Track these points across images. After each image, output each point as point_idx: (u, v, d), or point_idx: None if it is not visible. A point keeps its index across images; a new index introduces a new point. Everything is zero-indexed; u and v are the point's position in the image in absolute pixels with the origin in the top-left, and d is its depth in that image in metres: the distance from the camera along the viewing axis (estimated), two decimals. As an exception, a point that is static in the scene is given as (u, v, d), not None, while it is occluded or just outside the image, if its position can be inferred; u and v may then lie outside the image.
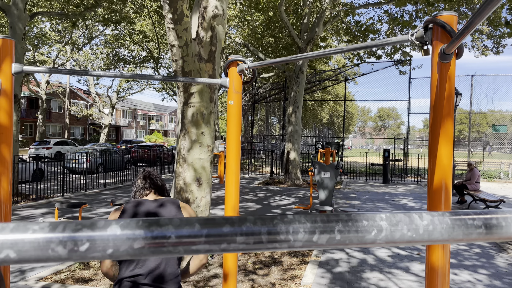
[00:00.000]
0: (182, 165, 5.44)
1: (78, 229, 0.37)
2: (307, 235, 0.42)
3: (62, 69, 2.49)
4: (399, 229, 0.44)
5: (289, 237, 0.42)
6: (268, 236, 0.41)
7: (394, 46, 16.87)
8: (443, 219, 0.46)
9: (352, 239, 0.43)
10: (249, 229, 0.41)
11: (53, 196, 11.30)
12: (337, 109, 47.93)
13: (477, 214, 0.47)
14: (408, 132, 20.11)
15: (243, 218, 0.42)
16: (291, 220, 0.42)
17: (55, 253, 0.36)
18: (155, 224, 0.39)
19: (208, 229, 0.40)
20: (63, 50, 30.08)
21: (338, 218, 0.44)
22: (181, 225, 0.39)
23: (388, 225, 0.44)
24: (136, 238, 0.38)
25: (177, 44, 4.97)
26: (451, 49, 1.57)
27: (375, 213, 0.44)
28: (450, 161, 1.72)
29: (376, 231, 0.43)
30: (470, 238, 0.46)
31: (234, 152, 2.73)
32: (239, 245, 0.40)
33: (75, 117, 44.04)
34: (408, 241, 0.44)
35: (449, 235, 0.45)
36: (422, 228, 0.44)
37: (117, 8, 14.42)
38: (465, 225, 0.46)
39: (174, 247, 0.39)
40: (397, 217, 0.45)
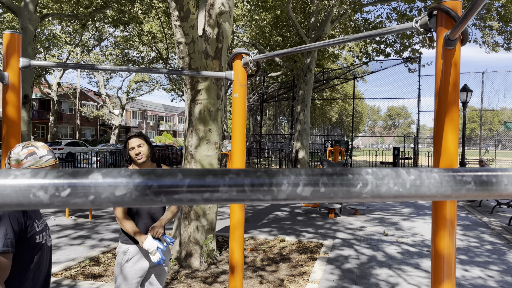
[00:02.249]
0: (190, 162, 5.46)
1: (60, 176, 0.37)
2: (290, 187, 0.42)
3: (69, 64, 2.52)
4: (385, 183, 0.44)
5: (273, 188, 0.42)
6: (251, 187, 0.41)
7: (403, 43, 16.72)
8: (431, 174, 0.45)
9: (337, 192, 0.43)
10: (232, 180, 0.41)
11: (64, 195, 11.43)
12: (346, 108, 47.68)
13: (466, 171, 0.46)
14: (418, 131, 19.93)
15: (226, 170, 0.41)
16: (274, 173, 0.42)
17: (37, 198, 0.36)
18: (137, 173, 0.39)
19: (191, 179, 0.40)
20: (74, 52, 30.40)
21: (323, 171, 0.43)
22: (163, 174, 0.39)
23: (374, 179, 0.44)
24: (118, 186, 0.38)
25: (183, 41, 4.99)
26: (455, 34, 1.55)
27: (361, 168, 0.44)
28: (456, 148, 1.70)
29: (362, 185, 0.43)
30: (459, 195, 0.46)
31: (239, 143, 2.73)
32: (222, 194, 0.40)
33: (86, 118, 44.49)
34: (395, 195, 0.44)
35: (437, 190, 0.45)
36: (409, 183, 0.44)
37: (125, 9, 14.53)
38: (454, 181, 0.45)
39: (156, 196, 0.39)
40: (383, 172, 0.44)
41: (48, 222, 7.89)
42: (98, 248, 6.14)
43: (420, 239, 6.89)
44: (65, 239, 6.61)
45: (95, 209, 9.44)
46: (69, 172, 0.38)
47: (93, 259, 5.50)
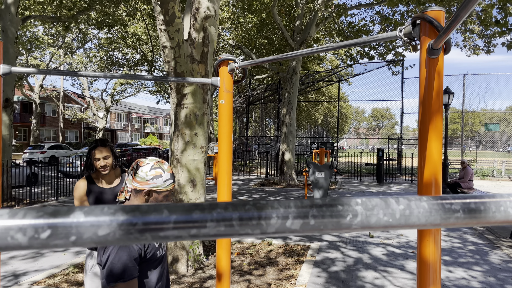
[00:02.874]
0: (176, 167, 5.42)
1: (39, 216, 0.36)
2: (280, 220, 0.41)
3: (52, 70, 2.47)
4: (374, 213, 0.43)
5: (261, 222, 0.41)
6: (240, 221, 0.40)
7: (387, 46, 16.94)
8: (420, 203, 0.45)
9: (327, 224, 0.42)
10: (219, 215, 0.40)
11: (47, 200, 11.22)
12: (331, 110, 48.04)
13: (455, 199, 0.46)
14: (402, 132, 20.19)
15: (214, 204, 0.41)
16: (263, 206, 0.42)
17: (15, 241, 0.34)
18: (120, 211, 0.38)
19: (177, 215, 0.39)
20: (57, 54, 29.95)
21: (312, 203, 0.43)
22: (148, 211, 0.38)
23: (363, 209, 0.43)
24: (100, 225, 0.37)
25: (169, 45, 4.96)
26: (438, 44, 1.57)
27: (350, 198, 0.44)
28: (440, 157, 1.72)
29: (352, 216, 0.43)
30: (448, 223, 0.46)
31: (225, 152, 2.71)
32: (209, 230, 0.39)
33: (70, 121, 43.82)
34: (384, 226, 0.44)
35: (426, 219, 0.45)
36: (398, 213, 0.44)
37: (110, 11, 14.38)
38: (443, 209, 0.45)
39: (141, 234, 0.37)
40: (372, 202, 0.44)
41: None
42: (83, 254, 6.04)
43: (404, 241, 6.97)
44: (48, 246, 6.48)
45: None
46: (49, 211, 0.36)
47: (77, 266, 5.40)
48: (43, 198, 11.56)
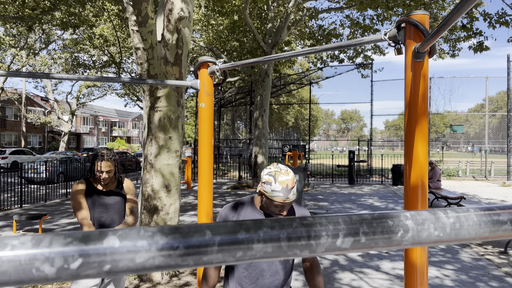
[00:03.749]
0: (150, 172, 5.29)
1: (68, 243, 0.31)
2: (330, 239, 0.38)
3: (22, 72, 2.35)
4: (425, 228, 0.41)
5: (311, 242, 0.37)
6: (288, 242, 0.36)
7: (356, 50, 17.29)
8: (468, 215, 0.43)
9: (378, 241, 0.39)
10: (266, 234, 0.36)
11: (10, 208, 10.72)
12: (302, 113, 48.55)
13: (501, 209, 0.44)
14: (372, 134, 20.63)
15: (259, 222, 0.37)
16: (311, 223, 0.38)
17: (41, 273, 0.29)
18: (159, 233, 0.33)
19: (221, 237, 0.35)
20: (19, 55, 28.80)
21: (361, 218, 0.40)
22: (189, 233, 0.34)
23: (414, 224, 0.40)
24: (138, 250, 0.32)
25: (142, 47, 4.84)
26: (425, 47, 1.59)
27: (398, 211, 0.41)
28: (426, 159, 1.73)
29: (403, 232, 0.40)
30: (497, 235, 0.43)
31: (206, 156, 2.66)
32: (256, 252, 0.35)
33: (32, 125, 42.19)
34: (435, 241, 0.41)
35: (476, 232, 0.42)
36: (449, 227, 0.41)
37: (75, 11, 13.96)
38: (491, 222, 0.43)
39: (183, 259, 0.33)
40: (422, 216, 0.41)
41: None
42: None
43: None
44: (14, 256, 6.18)
45: (46, 222, 8.93)
46: (79, 236, 0.31)
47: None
48: (5, 206, 11.04)
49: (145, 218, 5.28)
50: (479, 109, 69.36)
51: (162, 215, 5.27)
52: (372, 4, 10.55)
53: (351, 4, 13.47)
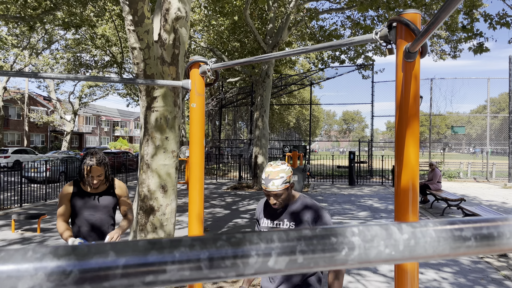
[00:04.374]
0: (146, 172, 5.25)
1: None
2: (260, 259, 0.33)
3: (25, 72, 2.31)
4: (374, 245, 0.36)
5: (237, 262, 0.32)
6: (210, 263, 0.32)
7: (357, 51, 17.23)
8: (426, 231, 0.38)
9: (318, 261, 0.34)
10: (183, 255, 0.31)
11: (10, 207, 10.71)
12: (303, 113, 48.47)
13: (464, 223, 0.39)
14: (372, 135, 20.55)
15: (176, 241, 0.32)
16: (239, 241, 0.33)
17: None
18: (51, 254, 0.29)
19: (127, 258, 0.30)
20: (21, 55, 28.85)
21: (300, 235, 0.35)
22: (88, 254, 0.29)
23: (361, 241, 0.36)
24: (22, 276, 0.27)
25: (138, 47, 4.80)
26: (415, 47, 1.54)
27: (345, 226, 0.36)
28: (418, 162, 1.68)
29: (347, 250, 0.35)
30: (459, 253, 0.39)
31: (197, 157, 2.61)
32: (170, 276, 0.31)
33: (35, 125, 42.27)
34: (386, 259, 0.36)
35: (434, 250, 0.38)
36: (402, 244, 0.36)
37: (77, 11, 13.95)
38: (452, 238, 0.38)
39: (77, 285, 0.28)
40: (371, 231, 0.37)
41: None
42: (47, 265, 5.75)
43: (377, 243, 7.03)
44: (10, 256, 6.15)
45: (44, 221, 8.90)
46: None
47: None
48: (6, 205, 11.03)
49: (141, 218, 5.24)
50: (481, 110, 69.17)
51: (158, 215, 5.23)
52: (373, 4, 10.50)
53: (352, 4, 13.42)
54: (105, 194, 2.99)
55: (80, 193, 2.92)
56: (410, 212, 1.65)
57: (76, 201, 2.90)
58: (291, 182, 2.32)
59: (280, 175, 2.28)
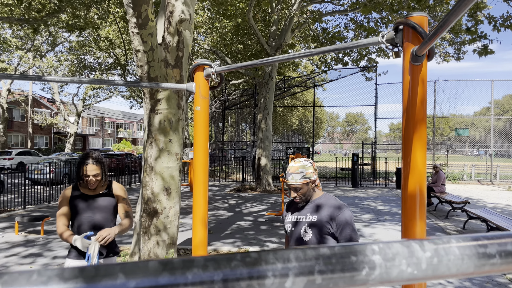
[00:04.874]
0: (150, 174, 5.24)
1: None
2: (277, 280, 0.31)
3: (28, 75, 2.30)
4: (396, 264, 0.34)
5: (253, 283, 0.31)
6: (224, 284, 0.30)
7: (360, 53, 17.19)
8: (449, 248, 0.36)
9: (337, 282, 0.33)
10: (196, 277, 0.29)
11: (14, 209, 10.73)
12: (306, 115, 48.43)
13: (488, 239, 0.38)
14: (376, 137, 20.49)
15: (189, 261, 0.30)
16: (255, 261, 0.32)
17: None
18: (57, 278, 0.27)
19: (138, 281, 0.28)
20: (25, 57, 28.99)
21: (318, 253, 0.33)
22: (96, 277, 0.27)
23: (382, 260, 0.34)
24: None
25: (142, 49, 4.80)
26: (423, 50, 1.52)
27: (365, 244, 0.34)
28: (425, 166, 1.66)
29: (368, 269, 0.33)
30: (483, 271, 0.37)
31: (201, 160, 2.59)
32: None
33: (39, 126, 42.43)
34: (408, 279, 0.35)
35: (457, 268, 0.36)
36: (424, 262, 0.35)
37: (81, 13, 14.00)
38: (476, 255, 0.36)
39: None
40: (392, 249, 0.35)
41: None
42: (51, 267, 5.75)
43: (381, 246, 6.98)
44: (15, 258, 6.16)
45: (48, 223, 8.91)
46: None
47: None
48: (9, 207, 11.05)
49: (144, 221, 5.23)
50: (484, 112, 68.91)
51: (162, 218, 5.22)
52: (377, 6, 10.48)
53: (356, 7, 13.40)
54: (103, 196, 2.99)
55: (79, 196, 2.93)
56: (418, 216, 1.63)
57: (75, 203, 2.91)
58: (311, 178, 2.40)
59: (299, 170, 2.39)
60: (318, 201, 2.46)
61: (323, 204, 2.43)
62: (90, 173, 2.84)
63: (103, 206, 2.95)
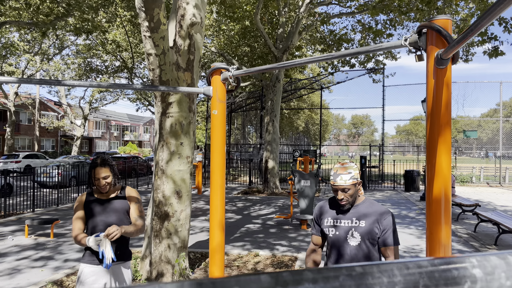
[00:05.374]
0: (161, 178, 5.25)
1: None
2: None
3: (33, 79, 2.32)
4: (496, 278, 0.34)
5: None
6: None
7: (367, 55, 17.15)
8: (545, 261, 0.35)
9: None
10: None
11: (23, 212, 10.80)
12: (312, 117, 48.36)
13: None
14: (383, 139, 20.41)
15: (298, 274, 0.30)
16: (361, 274, 0.31)
17: None
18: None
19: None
20: (33, 61, 29.22)
21: (419, 265, 0.33)
22: None
23: (482, 273, 0.33)
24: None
25: (154, 53, 4.82)
26: (449, 53, 1.51)
27: (463, 256, 0.34)
28: (450, 170, 1.65)
29: (470, 283, 0.33)
30: None
31: (218, 164, 2.60)
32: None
33: (46, 129, 42.72)
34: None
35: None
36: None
37: (88, 17, 14.10)
38: None
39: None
40: (491, 262, 0.34)
41: (5, 243, 7.39)
42: (62, 270, 5.78)
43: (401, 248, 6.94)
44: (26, 261, 6.19)
45: (57, 226, 8.95)
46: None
47: (56, 282, 5.15)
48: (18, 210, 11.13)
49: (155, 224, 5.24)
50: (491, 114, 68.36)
51: (173, 221, 5.23)
52: (385, 8, 10.45)
53: (363, 9, 13.38)
54: (116, 199, 3.02)
55: (94, 200, 2.96)
56: (443, 221, 1.62)
57: (90, 207, 2.94)
58: (358, 180, 2.40)
59: (348, 171, 2.37)
60: (363, 205, 2.45)
61: (369, 209, 2.43)
62: (99, 176, 2.86)
63: (117, 208, 2.96)
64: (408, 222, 9.56)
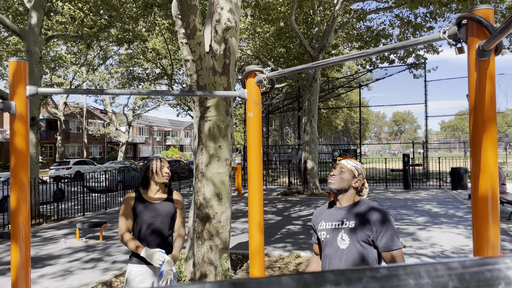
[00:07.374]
0: (201, 180, 5.35)
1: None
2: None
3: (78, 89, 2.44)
4: (533, 279, 0.32)
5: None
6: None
7: (407, 50, 16.63)
8: None
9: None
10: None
11: (74, 216, 11.34)
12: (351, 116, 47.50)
13: None
14: (427, 136, 19.70)
15: (321, 277, 0.30)
16: (386, 276, 0.31)
17: None
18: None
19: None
20: (79, 72, 30.68)
21: (449, 267, 0.32)
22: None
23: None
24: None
25: (191, 59, 4.93)
26: (491, 45, 1.44)
27: (497, 258, 0.32)
28: (497, 166, 1.57)
29: (504, 285, 0.31)
30: None
31: (255, 166, 2.61)
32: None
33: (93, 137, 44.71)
34: (547, 296, 0.32)
35: None
36: None
37: (129, 27, 14.62)
38: None
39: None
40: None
41: (58, 245, 7.79)
42: (111, 271, 6.01)
43: (439, 250, 6.68)
44: (77, 263, 6.50)
45: (106, 229, 9.33)
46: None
47: (105, 283, 5.37)
48: (70, 214, 11.70)
49: (197, 226, 5.34)
50: (547, 105, 64.36)
51: (214, 223, 5.31)
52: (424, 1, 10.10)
53: (401, 2, 12.99)
54: (165, 201, 3.10)
55: (141, 200, 3.05)
56: (490, 220, 1.54)
57: (138, 206, 3.02)
58: (359, 177, 2.37)
59: (356, 163, 2.43)
60: (360, 207, 2.32)
61: (366, 211, 2.29)
62: (165, 164, 3.07)
63: (164, 211, 3.03)
64: (456, 221, 9.17)
